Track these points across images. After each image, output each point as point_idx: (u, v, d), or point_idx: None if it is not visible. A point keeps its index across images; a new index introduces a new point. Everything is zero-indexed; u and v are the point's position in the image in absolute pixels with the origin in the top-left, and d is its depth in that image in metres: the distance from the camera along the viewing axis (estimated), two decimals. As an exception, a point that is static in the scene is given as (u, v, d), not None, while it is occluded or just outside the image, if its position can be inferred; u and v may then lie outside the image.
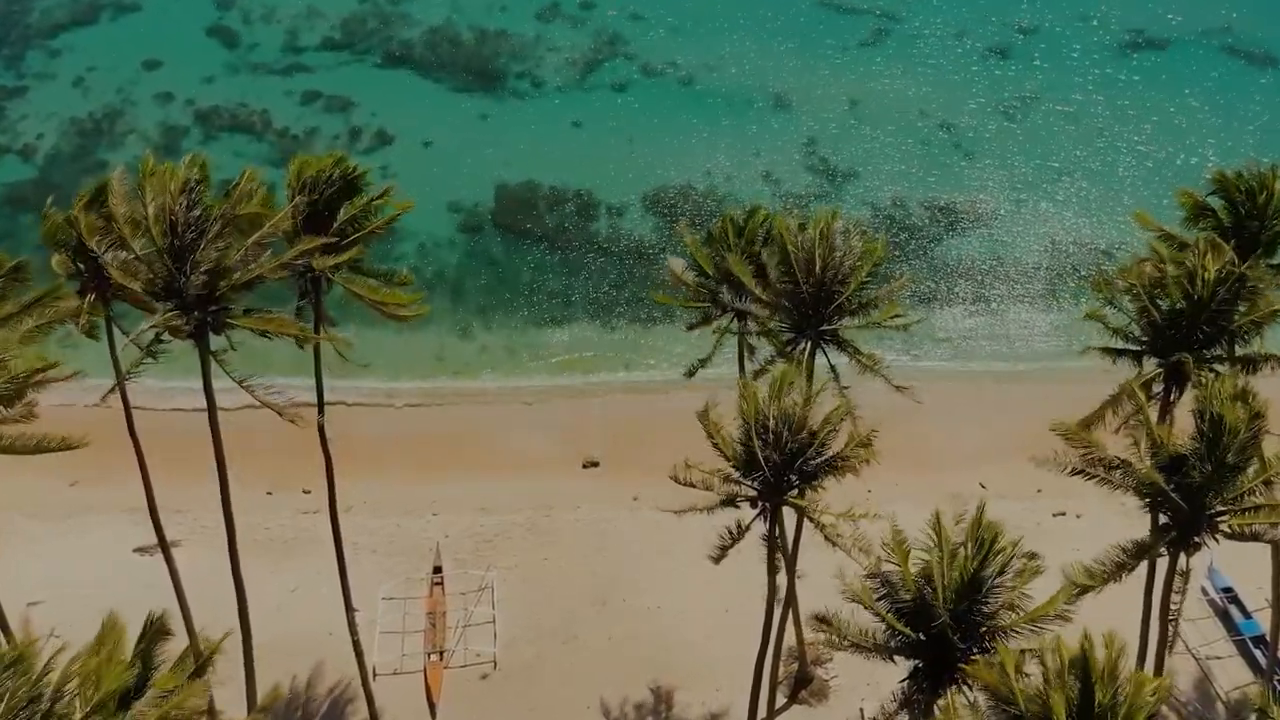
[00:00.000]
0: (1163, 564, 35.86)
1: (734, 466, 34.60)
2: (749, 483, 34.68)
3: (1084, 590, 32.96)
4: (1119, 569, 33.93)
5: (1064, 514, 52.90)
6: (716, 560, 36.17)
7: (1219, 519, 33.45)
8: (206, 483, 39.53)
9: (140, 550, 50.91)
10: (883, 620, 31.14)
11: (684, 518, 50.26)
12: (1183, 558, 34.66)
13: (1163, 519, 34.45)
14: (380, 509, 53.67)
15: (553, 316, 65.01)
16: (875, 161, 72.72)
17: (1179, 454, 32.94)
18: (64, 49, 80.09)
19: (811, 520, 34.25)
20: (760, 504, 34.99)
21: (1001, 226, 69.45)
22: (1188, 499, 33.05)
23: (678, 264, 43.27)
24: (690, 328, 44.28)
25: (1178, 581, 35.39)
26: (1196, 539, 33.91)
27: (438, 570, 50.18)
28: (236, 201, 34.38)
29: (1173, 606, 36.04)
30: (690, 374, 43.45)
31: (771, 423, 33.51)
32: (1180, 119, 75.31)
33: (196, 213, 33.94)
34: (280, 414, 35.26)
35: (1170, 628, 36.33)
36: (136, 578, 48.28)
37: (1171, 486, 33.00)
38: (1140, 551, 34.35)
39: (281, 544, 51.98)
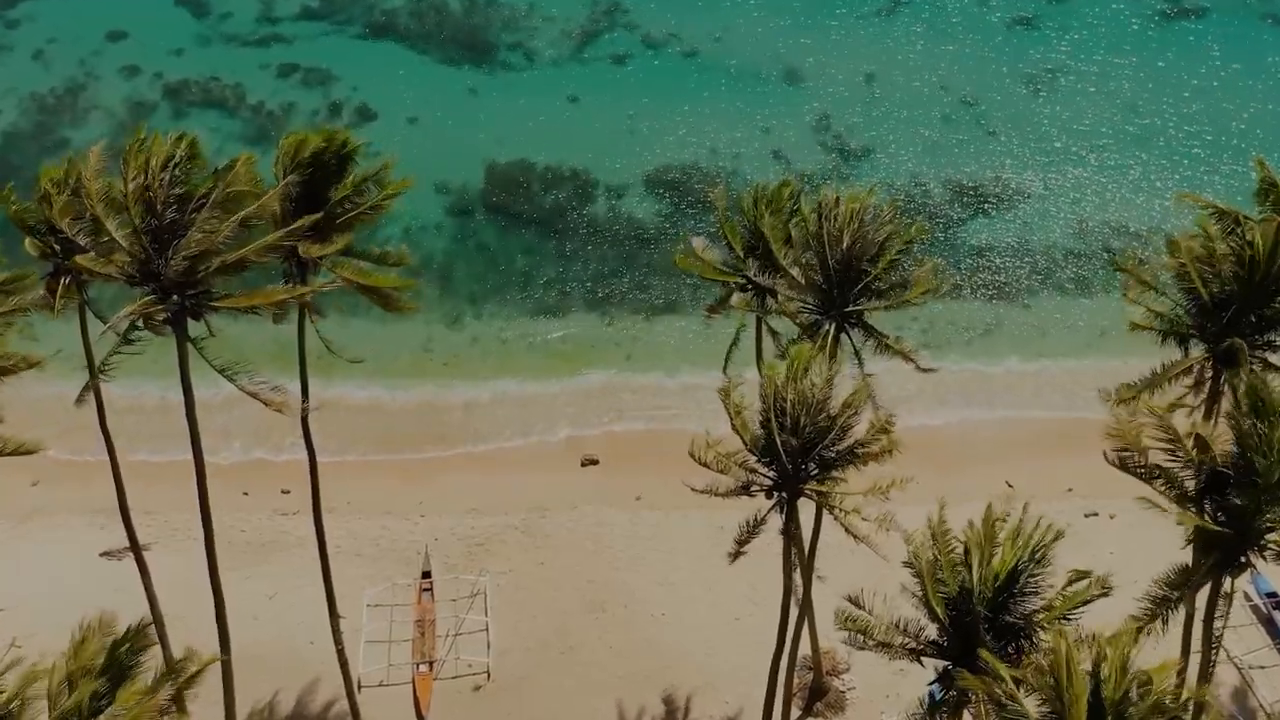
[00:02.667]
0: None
1: (750, 451, 34.59)
2: (765, 471, 34.66)
3: (1137, 632, 33.01)
4: (1164, 605, 33.85)
5: (1096, 514, 52.99)
6: (734, 556, 36.26)
7: (1267, 538, 33.24)
8: (176, 482, 39.48)
9: (108, 554, 50.93)
10: (926, 604, 31.17)
11: (689, 519, 50.69)
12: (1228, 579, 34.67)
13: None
14: (365, 509, 53.68)
15: (548, 305, 64.99)
16: (893, 139, 72.72)
17: (1221, 471, 32.66)
18: (22, 19, 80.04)
19: (830, 510, 34.31)
20: (776, 494, 34.98)
21: (1028, 207, 69.45)
22: (1232, 520, 32.86)
23: (699, 242, 43.32)
24: (710, 310, 44.33)
25: (1220, 604, 35.35)
26: (1242, 560, 33.82)
27: (426, 575, 50.23)
28: (228, 181, 34.18)
29: (1216, 633, 36.04)
30: (725, 365, 43.31)
31: (789, 406, 33.55)
32: (1220, 90, 75.33)
33: (179, 190, 33.81)
34: (267, 404, 35.09)
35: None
36: (104, 583, 48.26)
37: (1214, 507, 32.76)
38: (1184, 580, 34.26)
39: (259, 547, 52.00)
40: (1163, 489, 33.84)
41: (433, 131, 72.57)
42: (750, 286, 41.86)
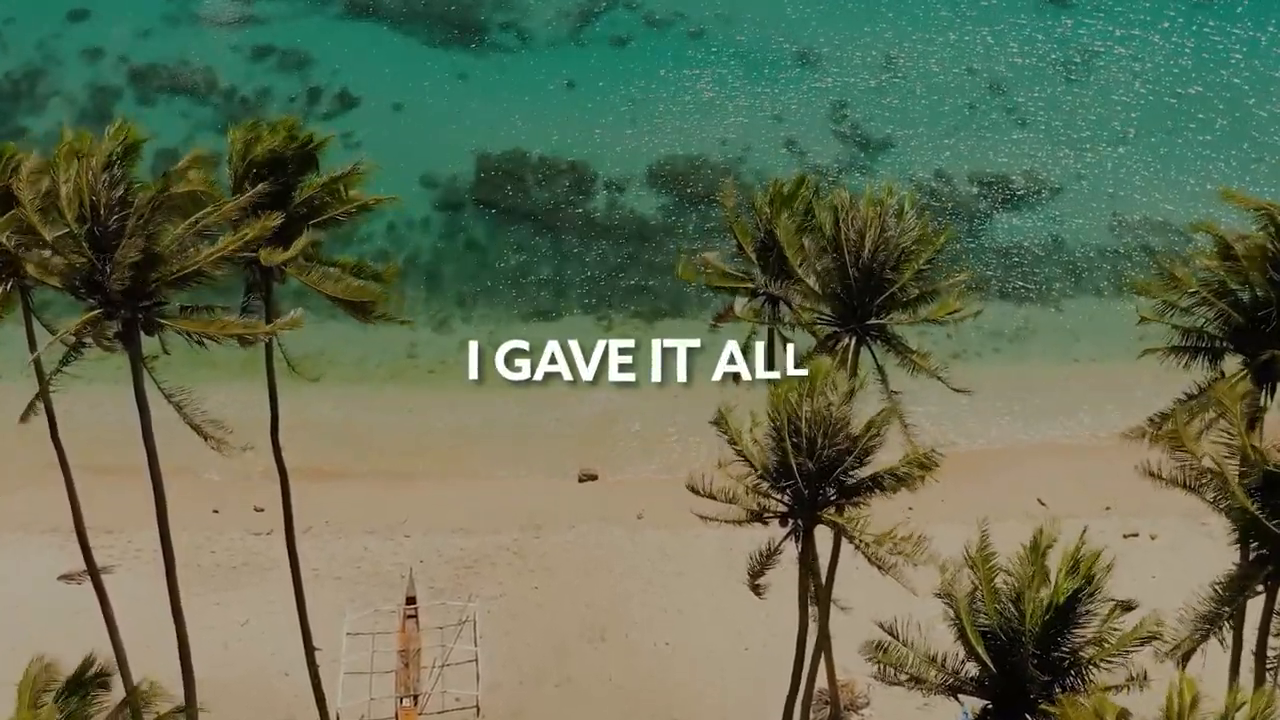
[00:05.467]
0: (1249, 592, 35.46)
1: (761, 476, 34.20)
2: (778, 496, 34.28)
3: (1185, 654, 32.58)
4: (1214, 622, 33.41)
5: (1136, 535, 52.85)
6: (755, 590, 35.95)
7: None
8: (140, 496, 39.26)
9: (66, 577, 50.70)
10: (964, 640, 30.75)
11: (697, 539, 50.34)
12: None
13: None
14: (344, 529, 53.52)
15: (543, 308, 64.84)
16: (915, 128, 72.52)
17: (1273, 472, 32.44)
18: (-24, -1, 79.98)
19: (851, 540, 33.92)
20: (791, 521, 34.58)
21: (1061, 202, 69.28)
22: None
23: (713, 255, 43.12)
24: (717, 319, 43.98)
25: (1277, 622, 35.00)
26: None
27: (411, 601, 49.95)
28: (172, 180, 33.83)
29: (1271, 659, 35.68)
30: (735, 378, 42.74)
31: (804, 425, 33.13)
32: (1275, 74, 74.84)
33: (120, 192, 33.37)
34: (206, 439, 35.12)
35: (1269, 676, 35.93)
36: (62, 609, 48.12)
37: (1266, 512, 32.40)
38: (1237, 593, 33.85)
39: (229, 570, 51.79)
40: (1212, 496, 33.46)
41: (419, 119, 72.39)
42: (762, 294, 41.45)
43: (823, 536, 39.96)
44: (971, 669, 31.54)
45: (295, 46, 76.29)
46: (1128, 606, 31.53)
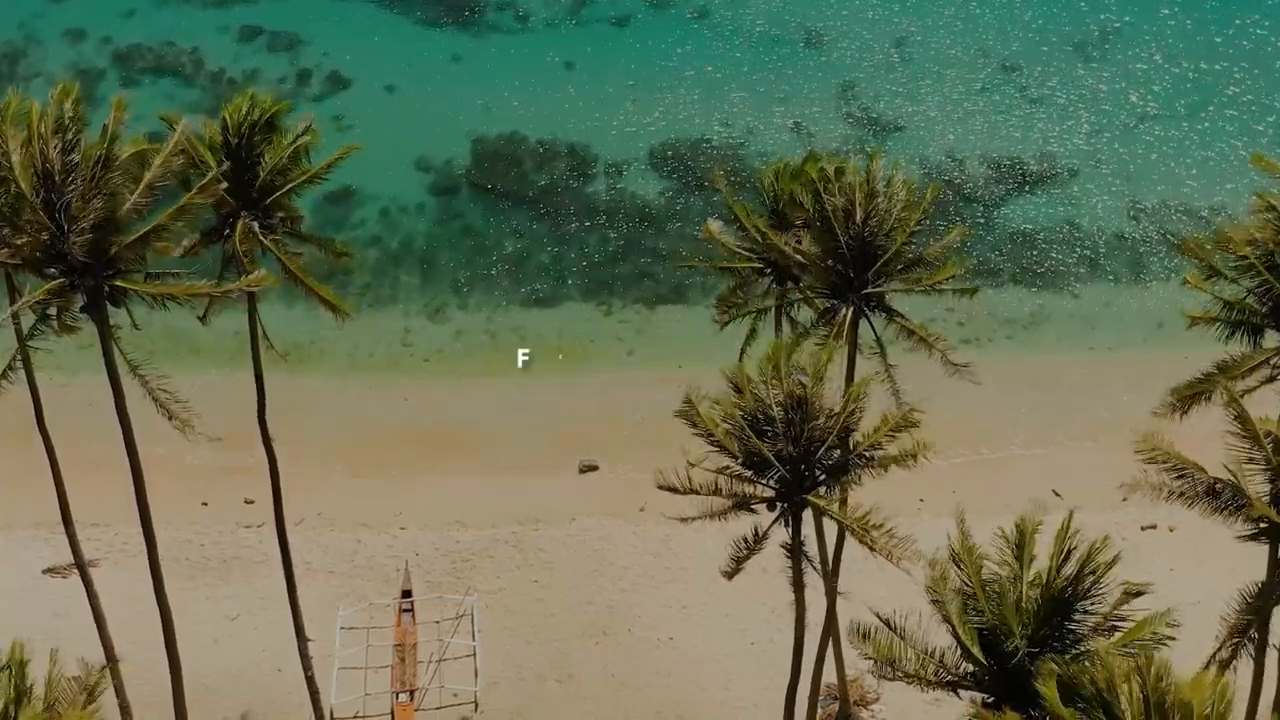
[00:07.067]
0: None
1: (742, 465, 34.15)
2: (763, 481, 34.28)
3: (1220, 668, 32.73)
4: (1246, 633, 33.43)
5: (1154, 526, 52.94)
6: (730, 575, 35.85)
7: None
8: (128, 490, 39.47)
9: (51, 571, 50.97)
10: (957, 639, 30.82)
11: (700, 532, 50.48)
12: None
13: None
14: (337, 521, 53.69)
15: (542, 295, 64.95)
16: (926, 111, 72.58)
17: None
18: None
19: (836, 520, 34.02)
20: (779, 506, 34.66)
21: (1076, 186, 69.27)
22: None
23: (715, 225, 43.21)
24: (719, 306, 43.96)
25: None
26: None
27: (407, 595, 50.14)
28: (113, 138, 33.67)
29: None
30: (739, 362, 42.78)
31: (777, 409, 33.16)
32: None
33: (75, 157, 33.26)
34: (170, 417, 35.18)
35: None
36: (47, 605, 48.34)
37: None
38: (1265, 601, 33.93)
39: (219, 563, 51.95)
40: (1224, 506, 33.48)
41: (413, 101, 72.52)
42: (769, 272, 41.54)
43: (829, 529, 40.30)
44: (968, 666, 31.57)
45: (284, 27, 76.18)
46: (1135, 593, 31.56)
